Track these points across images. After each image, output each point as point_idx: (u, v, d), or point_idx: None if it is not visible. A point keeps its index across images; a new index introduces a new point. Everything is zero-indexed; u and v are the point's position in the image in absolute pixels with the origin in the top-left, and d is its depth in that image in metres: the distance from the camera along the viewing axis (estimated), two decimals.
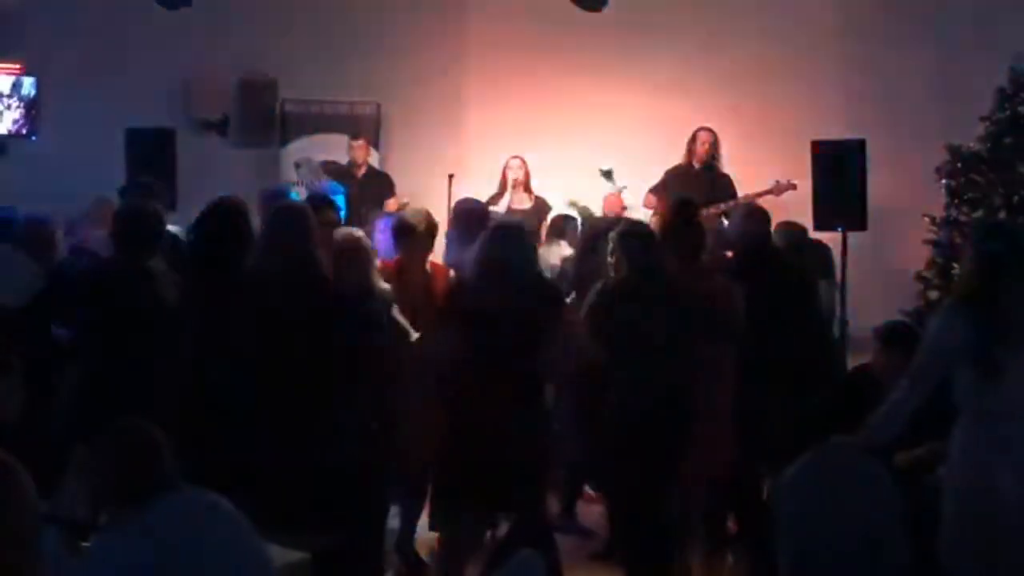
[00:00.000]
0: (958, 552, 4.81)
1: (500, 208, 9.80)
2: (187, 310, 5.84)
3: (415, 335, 6.52)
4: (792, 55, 10.98)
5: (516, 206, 9.98)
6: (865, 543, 4.84)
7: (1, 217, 7.82)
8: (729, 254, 7.56)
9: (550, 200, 10.20)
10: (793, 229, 8.29)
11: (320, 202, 7.35)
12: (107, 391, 5.61)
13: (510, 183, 10.11)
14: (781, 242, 7.90)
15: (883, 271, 10.40)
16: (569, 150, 10.99)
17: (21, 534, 2.32)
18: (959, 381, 4.85)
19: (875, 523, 4.87)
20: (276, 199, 7.40)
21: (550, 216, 9.75)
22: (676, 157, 10.33)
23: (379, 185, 10.81)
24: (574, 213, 9.88)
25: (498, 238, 6.05)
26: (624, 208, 10.29)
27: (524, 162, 10.17)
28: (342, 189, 7.75)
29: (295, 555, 4.52)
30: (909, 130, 10.38)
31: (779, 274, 7.03)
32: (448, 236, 7.40)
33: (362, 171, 10.87)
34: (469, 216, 7.13)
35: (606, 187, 10.51)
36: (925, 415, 5.01)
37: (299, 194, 10.22)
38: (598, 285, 6.36)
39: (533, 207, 10.01)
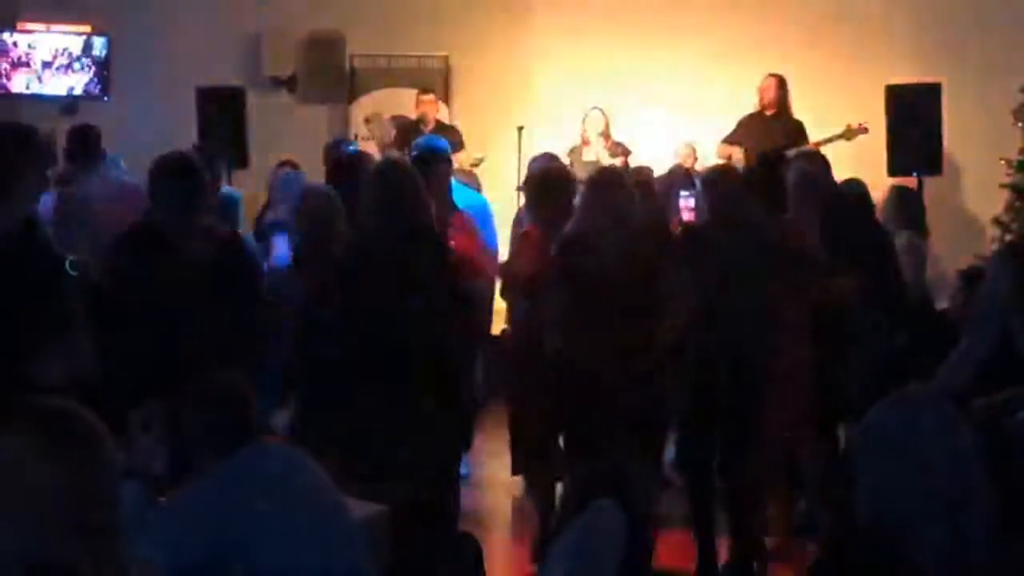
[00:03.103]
0: None
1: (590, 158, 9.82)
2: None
3: None
4: None
5: (597, 158, 9.92)
6: (945, 489, 4.79)
7: None
8: None
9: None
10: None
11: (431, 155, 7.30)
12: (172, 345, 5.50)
13: (592, 135, 10.04)
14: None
15: (959, 215, 10.28)
16: (640, 100, 10.91)
17: (107, 494, 2.36)
18: (1013, 329, 4.79)
19: (956, 468, 4.82)
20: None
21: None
22: (749, 104, 10.24)
23: (448, 140, 10.71)
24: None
25: (602, 187, 6.03)
26: (696, 159, 10.23)
27: (603, 113, 10.10)
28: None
29: (374, 507, 4.52)
30: (985, 72, 10.22)
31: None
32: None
33: (430, 127, 10.78)
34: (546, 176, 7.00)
35: (679, 136, 10.46)
36: (1004, 362, 4.95)
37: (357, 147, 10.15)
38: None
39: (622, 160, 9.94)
